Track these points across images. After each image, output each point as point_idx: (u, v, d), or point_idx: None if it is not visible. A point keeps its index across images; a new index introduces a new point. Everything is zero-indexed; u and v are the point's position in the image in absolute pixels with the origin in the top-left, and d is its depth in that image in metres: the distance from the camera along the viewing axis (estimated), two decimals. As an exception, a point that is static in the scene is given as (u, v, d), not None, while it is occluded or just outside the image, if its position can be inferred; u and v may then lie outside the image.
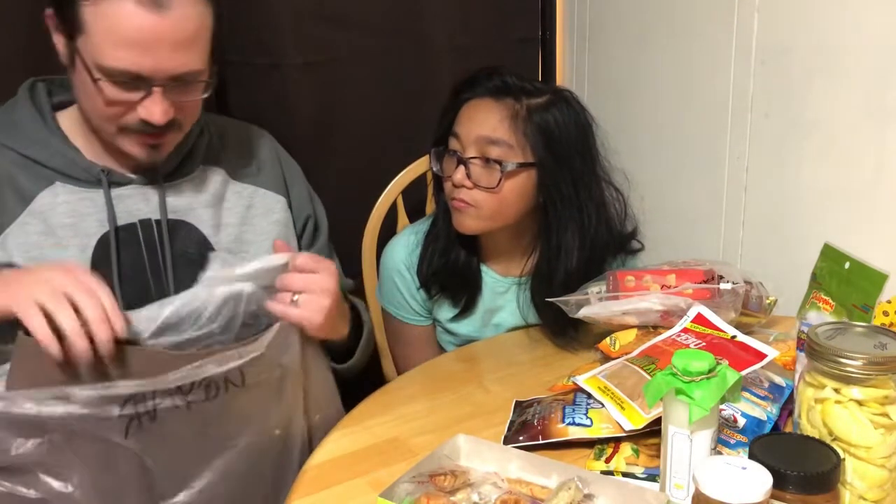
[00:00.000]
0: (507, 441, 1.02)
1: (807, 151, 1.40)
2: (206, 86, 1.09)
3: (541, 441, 1.01)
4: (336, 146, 1.68)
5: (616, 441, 1.00)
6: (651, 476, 0.94)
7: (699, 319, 1.11)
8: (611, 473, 0.95)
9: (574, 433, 1.01)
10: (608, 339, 1.20)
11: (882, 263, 1.03)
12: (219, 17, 1.09)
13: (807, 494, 0.76)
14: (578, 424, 1.01)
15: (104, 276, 1.08)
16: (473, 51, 1.76)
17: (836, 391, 0.83)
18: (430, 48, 1.74)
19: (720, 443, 0.93)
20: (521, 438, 1.02)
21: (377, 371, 1.62)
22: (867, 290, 1.03)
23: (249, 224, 1.23)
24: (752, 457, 0.78)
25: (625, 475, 0.95)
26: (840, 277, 1.07)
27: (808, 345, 0.85)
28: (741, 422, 0.98)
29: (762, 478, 0.73)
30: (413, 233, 1.46)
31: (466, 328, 1.47)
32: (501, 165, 1.29)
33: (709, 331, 1.08)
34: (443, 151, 1.36)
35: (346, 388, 1.32)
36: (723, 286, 1.18)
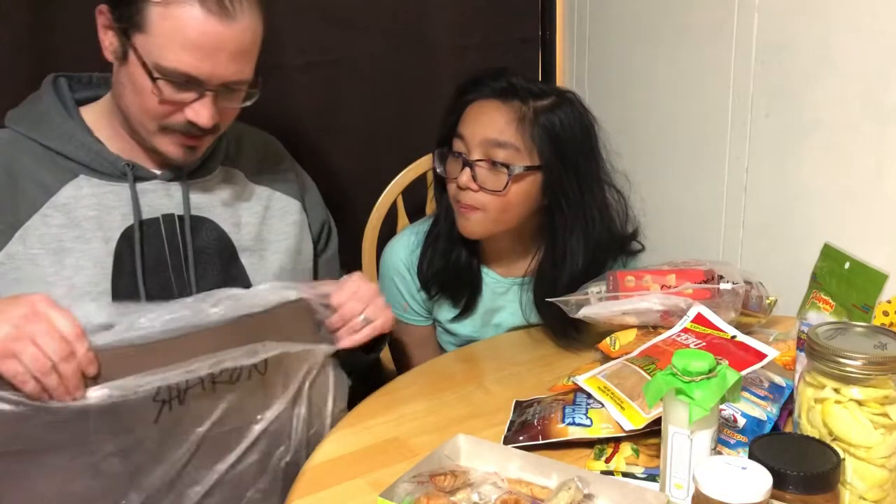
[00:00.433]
0: (507, 441, 1.03)
1: (807, 152, 1.40)
2: (249, 95, 1.12)
3: (541, 441, 1.01)
4: (336, 146, 1.68)
5: (616, 441, 1.00)
6: (651, 476, 0.94)
7: (699, 319, 1.11)
8: (611, 473, 0.95)
9: (574, 433, 1.01)
10: (608, 339, 1.20)
11: (882, 263, 1.03)
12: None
13: (807, 494, 0.76)
14: (578, 424, 1.01)
15: (128, 270, 1.11)
16: (473, 51, 1.76)
17: (836, 391, 0.83)
18: (431, 48, 1.74)
19: (720, 443, 0.93)
20: (521, 438, 1.02)
21: (377, 371, 1.62)
22: (867, 290, 1.03)
23: (267, 224, 1.24)
24: (752, 457, 0.78)
25: (625, 475, 0.95)
26: (840, 277, 1.07)
27: (808, 345, 0.85)
28: (741, 422, 0.98)
29: (762, 478, 0.73)
30: (413, 233, 1.46)
31: (466, 328, 1.46)
32: (508, 169, 1.28)
33: (709, 331, 1.08)
34: (447, 152, 1.35)
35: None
36: (723, 286, 1.18)
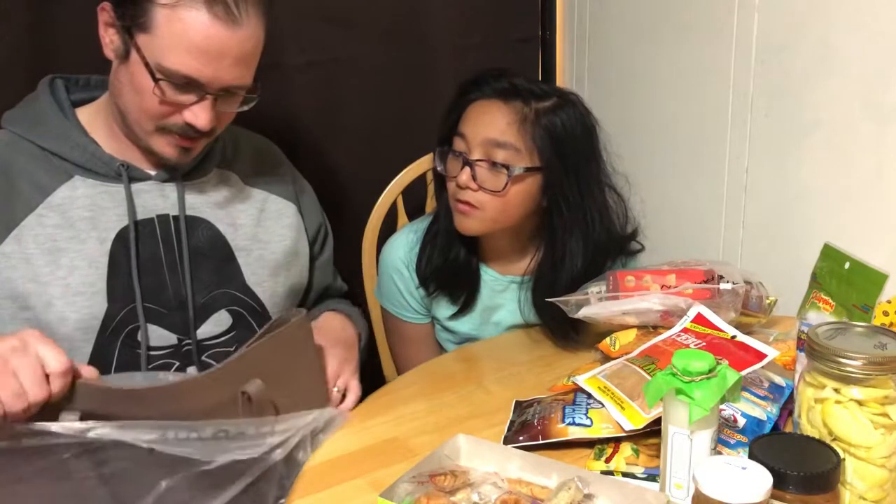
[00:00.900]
0: (507, 441, 1.02)
1: (807, 151, 1.40)
2: (247, 100, 1.13)
3: (541, 441, 1.01)
4: (336, 146, 1.68)
5: (616, 441, 1.00)
6: (651, 476, 0.94)
7: (699, 319, 1.11)
8: (611, 473, 0.95)
9: (574, 433, 1.01)
10: (608, 339, 1.20)
11: (882, 263, 1.03)
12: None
13: (807, 494, 0.76)
14: (578, 424, 1.01)
15: (123, 270, 1.12)
16: (473, 51, 1.76)
17: (836, 391, 0.83)
18: (431, 48, 1.74)
19: (720, 443, 0.93)
20: (521, 438, 1.02)
21: (377, 371, 1.62)
22: (867, 290, 1.03)
23: (263, 226, 1.25)
24: (752, 457, 0.78)
25: (625, 475, 0.95)
26: (840, 277, 1.07)
27: (808, 345, 0.85)
28: (741, 422, 0.98)
29: (762, 478, 0.73)
30: (412, 231, 1.46)
31: (465, 326, 1.46)
32: (508, 169, 1.28)
33: (709, 331, 1.08)
34: (447, 151, 1.35)
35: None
36: (723, 286, 1.18)
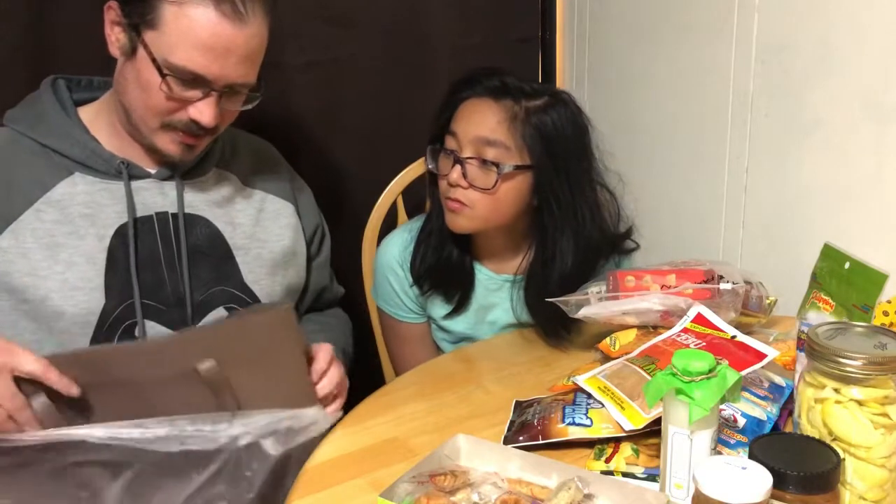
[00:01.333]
0: (507, 441, 1.02)
1: (807, 151, 1.40)
2: (250, 98, 1.13)
3: (541, 441, 1.01)
4: (336, 146, 1.68)
5: (616, 441, 1.00)
6: (651, 476, 0.94)
7: (699, 319, 1.11)
8: (611, 473, 0.95)
9: (574, 433, 1.01)
10: (608, 339, 1.20)
11: (882, 263, 1.03)
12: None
13: (807, 494, 0.76)
14: (578, 424, 1.01)
15: (121, 266, 1.12)
16: (473, 51, 1.76)
17: (836, 391, 0.83)
18: (431, 48, 1.74)
19: (720, 443, 0.93)
20: (521, 438, 1.02)
21: (377, 371, 1.62)
22: (867, 290, 1.03)
23: (261, 225, 1.25)
24: (752, 457, 0.78)
25: (625, 475, 0.95)
26: (840, 277, 1.07)
27: (808, 345, 0.85)
28: (741, 422, 0.98)
29: (762, 478, 0.73)
30: (407, 230, 1.46)
31: (460, 325, 1.46)
32: (498, 167, 1.29)
33: (709, 331, 1.08)
34: (439, 149, 1.36)
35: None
36: (723, 286, 1.18)
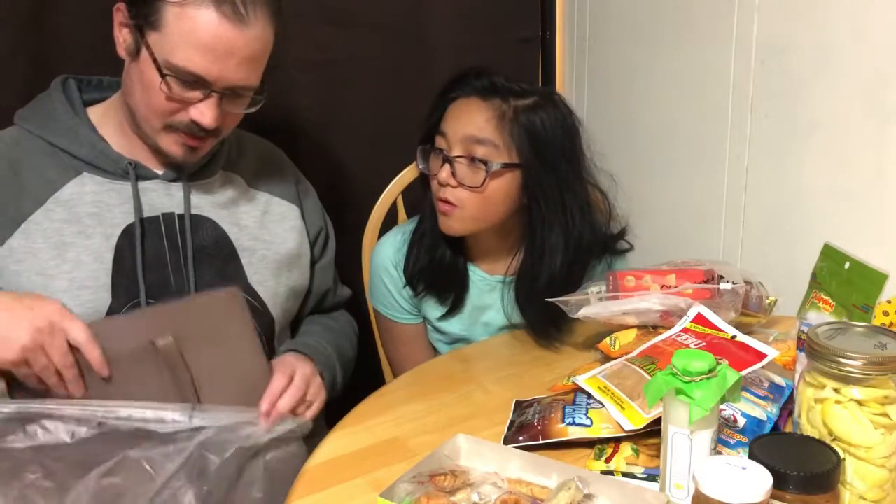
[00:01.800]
0: (507, 441, 1.02)
1: (807, 152, 1.40)
2: (254, 101, 1.13)
3: (541, 441, 1.01)
4: (336, 145, 1.68)
5: (616, 441, 1.00)
6: (651, 476, 0.94)
7: (699, 319, 1.11)
8: (611, 473, 0.95)
9: (574, 433, 1.01)
10: (608, 339, 1.20)
11: (882, 263, 1.03)
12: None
13: (807, 494, 0.76)
14: (578, 424, 1.01)
15: (128, 266, 1.13)
16: (473, 51, 1.76)
17: (836, 391, 0.83)
18: (430, 48, 1.74)
19: (720, 443, 0.93)
20: (521, 438, 1.02)
21: (377, 371, 1.62)
22: (867, 290, 1.03)
23: (266, 227, 1.26)
24: (752, 457, 0.78)
25: (625, 475, 0.95)
26: (840, 277, 1.07)
27: (808, 345, 0.85)
28: (741, 422, 0.98)
29: (762, 478, 0.73)
30: (400, 232, 1.46)
31: (455, 327, 1.46)
32: (486, 165, 1.29)
33: (709, 331, 1.08)
34: (429, 149, 1.36)
35: (347, 388, 1.32)
36: (723, 286, 1.18)
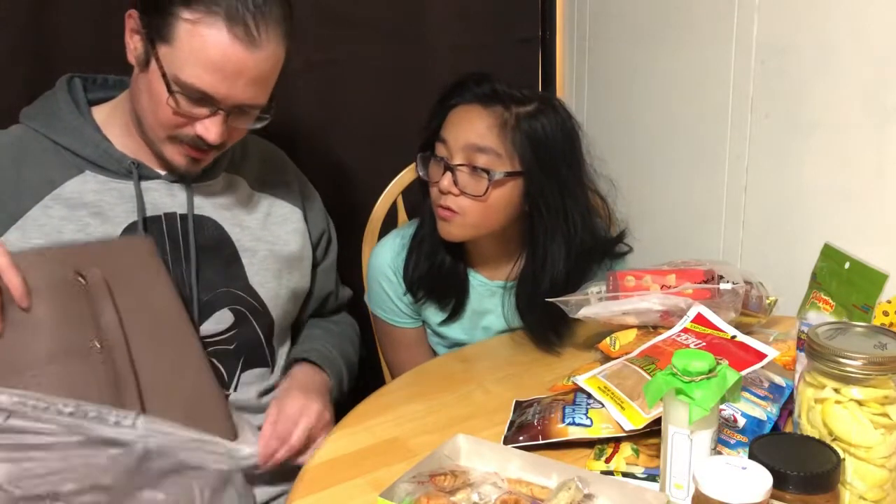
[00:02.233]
0: (507, 441, 1.02)
1: (807, 152, 1.40)
2: (260, 119, 1.14)
3: (541, 441, 1.01)
4: (336, 146, 1.68)
5: (616, 441, 1.00)
6: (651, 476, 0.94)
7: (699, 319, 1.11)
8: (611, 473, 0.95)
9: (574, 433, 1.01)
10: (608, 339, 1.20)
11: (882, 263, 1.03)
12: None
13: (807, 494, 0.76)
14: (578, 424, 1.01)
15: None
16: (473, 51, 1.76)
17: (836, 391, 0.83)
18: (430, 48, 1.74)
19: (720, 443, 0.93)
20: (521, 438, 1.02)
21: (377, 371, 1.62)
22: (867, 290, 1.03)
23: (268, 230, 1.26)
24: (752, 457, 0.78)
25: (625, 475, 0.95)
26: (840, 277, 1.07)
27: (808, 345, 0.85)
28: (741, 422, 0.98)
29: (762, 478, 0.73)
30: (399, 236, 1.45)
31: (455, 332, 1.46)
32: (489, 174, 1.28)
33: (709, 331, 1.08)
34: (429, 156, 1.35)
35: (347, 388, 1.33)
36: (723, 286, 1.18)
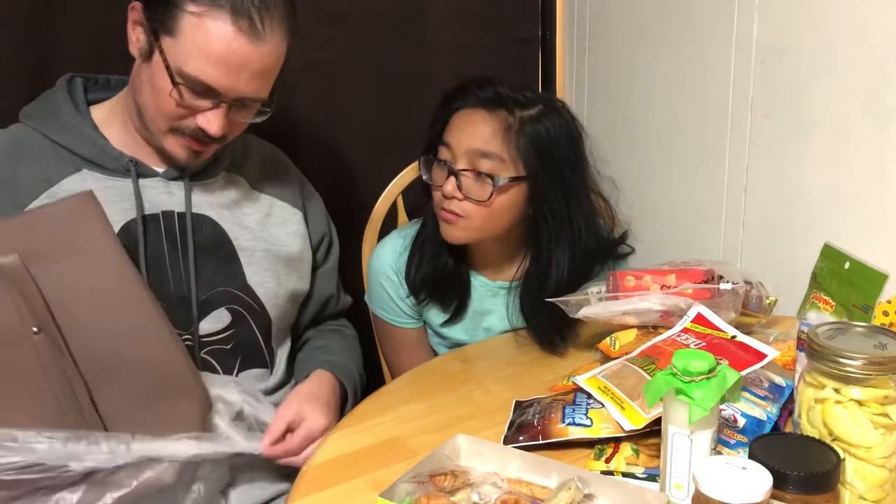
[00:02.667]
0: (507, 441, 1.02)
1: (807, 152, 1.40)
2: (261, 112, 1.14)
3: (541, 441, 1.01)
4: (336, 146, 1.68)
5: (616, 441, 1.00)
6: (651, 476, 0.94)
7: (699, 319, 1.11)
8: (611, 473, 0.95)
9: (574, 433, 1.01)
10: (608, 339, 1.20)
11: (882, 263, 1.03)
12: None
13: (807, 494, 0.76)
14: (578, 424, 1.01)
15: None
16: (473, 51, 1.76)
17: (836, 391, 0.83)
18: (430, 48, 1.74)
19: (720, 443, 0.93)
20: (521, 438, 1.02)
21: (377, 371, 1.62)
22: (867, 290, 1.03)
23: (267, 230, 1.26)
24: (752, 457, 0.78)
25: (625, 475, 0.95)
26: (840, 277, 1.07)
27: (808, 345, 0.85)
28: (741, 422, 0.98)
29: (762, 478, 0.73)
30: (400, 237, 1.45)
31: (457, 333, 1.46)
32: (493, 179, 1.28)
33: (709, 331, 1.08)
34: (433, 160, 1.34)
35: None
36: (723, 286, 1.18)
